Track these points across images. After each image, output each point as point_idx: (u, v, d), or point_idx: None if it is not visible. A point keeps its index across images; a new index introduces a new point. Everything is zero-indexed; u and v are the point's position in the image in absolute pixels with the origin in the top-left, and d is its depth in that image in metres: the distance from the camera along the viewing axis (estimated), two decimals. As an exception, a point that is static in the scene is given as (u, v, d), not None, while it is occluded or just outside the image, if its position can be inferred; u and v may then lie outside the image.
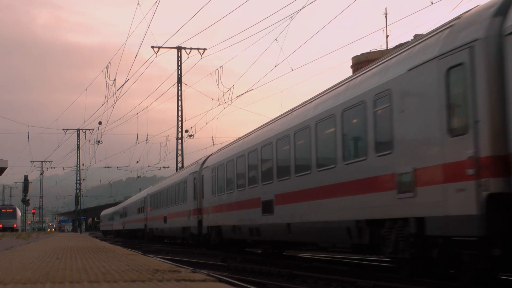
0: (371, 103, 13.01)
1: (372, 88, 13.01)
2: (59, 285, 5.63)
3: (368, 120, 13.10)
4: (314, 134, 16.09)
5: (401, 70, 12.04)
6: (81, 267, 7.89)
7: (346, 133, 14.29)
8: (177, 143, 52.06)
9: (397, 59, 12.53)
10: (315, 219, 15.54)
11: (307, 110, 16.83)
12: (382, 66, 13.21)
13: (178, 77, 51.30)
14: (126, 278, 6.19)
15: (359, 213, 13.35)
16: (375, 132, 12.86)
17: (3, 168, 44.03)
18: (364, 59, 56.06)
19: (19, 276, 6.53)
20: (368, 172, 12.99)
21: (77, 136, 79.47)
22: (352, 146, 14.29)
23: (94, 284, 5.66)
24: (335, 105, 14.83)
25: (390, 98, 12.20)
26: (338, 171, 14.39)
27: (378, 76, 13.01)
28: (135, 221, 55.43)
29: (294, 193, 16.92)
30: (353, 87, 14.26)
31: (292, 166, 17.28)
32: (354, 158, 13.84)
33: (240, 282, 11.91)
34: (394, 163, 11.99)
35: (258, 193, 20.01)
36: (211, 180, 26.69)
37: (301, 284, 13.54)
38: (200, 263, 19.89)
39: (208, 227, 27.29)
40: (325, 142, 15.52)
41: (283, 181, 17.87)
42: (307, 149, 16.37)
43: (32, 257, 10.70)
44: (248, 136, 22.76)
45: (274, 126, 19.76)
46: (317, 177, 15.55)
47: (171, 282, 5.73)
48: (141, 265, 8.11)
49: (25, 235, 38.46)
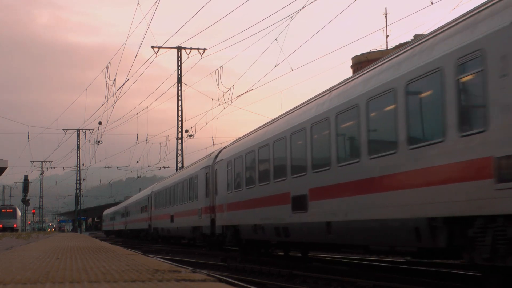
0: (451, 70, 10.36)
1: (454, 51, 10.34)
2: (59, 285, 5.63)
3: (447, 90, 10.44)
4: (364, 114, 13.15)
5: (500, 23, 9.45)
6: (81, 267, 7.89)
7: (412, 109, 11.56)
8: (177, 143, 52.08)
9: (490, 10, 9.91)
10: (367, 217, 12.82)
11: (355, 86, 14.02)
12: (467, 22, 10.45)
13: (178, 77, 51.30)
14: (126, 278, 6.18)
15: (433, 209, 10.65)
16: (458, 105, 10.19)
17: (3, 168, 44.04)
18: (364, 59, 56.07)
19: (19, 276, 6.53)
20: (447, 157, 10.30)
21: (77, 136, 79.51)
22: (422, 124, 11.53)
23: (94, 284, 5.66)
24: (394, 78, 12.16)
25: (483, 60, 9.59)
26: (400, 157, 11.70)
27: (461, 35, 10.36)
28: (138, 221, 53.44)
29: (336, 186, 14.22)
30: (422, 53, 11.55)
31: (333, 155, 14.45)
32: (425, 140, 11.07)
33: (240, 282, 11.90)
34: (490, 143, 9.35)
35: (287, 187, 17.35)
36: (227, 174, 24.00)
37: (301, 284, 13.54)
38: (200, 263, 19.89)
39: (222, 226, 24.65)
40: (381, 121, 12.76)
41: (321, 173, 15.10)
42: (355, 132, 13.54)
43: (32, 257, 10.69)
44: (272, 124, 19.93)
45: (308, 109, 16.74)
46: (369, 166, 12.78)
47: (171, 282, 5.73)
48: (141, 265, 8.10)
49: (25, 235, 38.46)
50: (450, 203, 10.23)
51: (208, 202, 27.13)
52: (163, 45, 48.20)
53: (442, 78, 10.52)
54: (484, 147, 9.48)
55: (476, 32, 9.87)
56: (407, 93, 11.62)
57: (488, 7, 9.99)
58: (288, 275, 14.85)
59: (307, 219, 15.89)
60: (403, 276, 13.58)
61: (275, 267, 16.95)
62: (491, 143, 9.32)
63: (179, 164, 51.85)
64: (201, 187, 29.10)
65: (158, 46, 47.74)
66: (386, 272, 15.01)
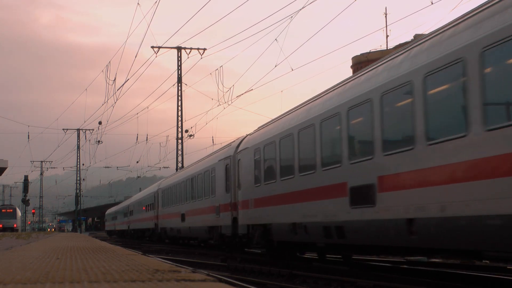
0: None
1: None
2: (59, 285, 5.62)
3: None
4: (477, 68, 9.72)
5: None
6: (81, 267, 7.89)
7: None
8: (177, 143, 52.11)
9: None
10: (484, 212, 9.32)
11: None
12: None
13: (178, 77, 51.33)
14: (126, 278, 6.18)
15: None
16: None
17: (3, 168, 44.06)
18: (364, 59, 56.05)
19: (19, 276, 6.53)
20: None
21: (77, 136, 79.56)
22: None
23: (94, 284, 5.66)
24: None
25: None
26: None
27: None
28: (142, 220, 50.48)
29: (427, 171, 10.72)
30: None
31: (419, 129, 11.03)
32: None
33: (240, 282, 11.91)
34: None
35: (342, 176, 13.95)
36: (254, 165, 20.48)
37: (301, 284, 13.54)
38: (200, 263, 19.88)
39: (248, 226, 21.21)
40: (500, 77, 9.43)
41: (398, 155, 11.66)
42: (457, 98, 10.19)
43: (32, 257, 10.69)
44: (318, 99, 16.23)
45: (376, 73, 13.10)
46: (489, 143, 9.27)
47: (171, 282, 5.73)
48: (141, 265, 8.10)
49: (25, 235, 38.45)
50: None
51: (229, 198, 23.76)
52: (163, 45, 48.29)
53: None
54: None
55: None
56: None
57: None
58: (288, 275, 14.85)
59: (374, 215, 12.41)
60: (403, 276, 13.58)
61: (275, 267, 16.94)
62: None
63: (179, 164, 51.88)
64: (219, 181, 25.77)
65: (158, 46, 47.82)
66: (386, 272, 15.02)
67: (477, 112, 9.55)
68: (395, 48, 49.41)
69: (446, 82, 10.46)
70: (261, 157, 19.71)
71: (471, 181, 9.62)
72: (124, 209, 65.36)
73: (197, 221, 29.73)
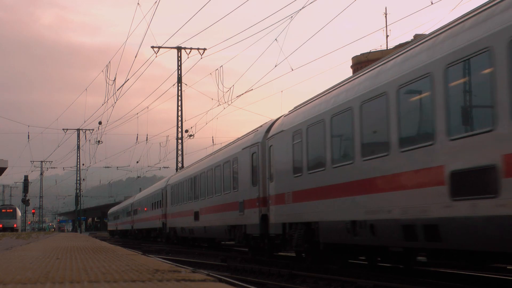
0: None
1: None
2: (59, 285, 5.62)
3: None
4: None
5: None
6: (81, 267, 7.88)
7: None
8: (177, 143, 52.12)
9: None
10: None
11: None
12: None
13: (178, 77, 51.35)
14: (126, 278, 6.18)
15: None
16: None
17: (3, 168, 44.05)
18: (364, 59, 56.08)
19: (19, 276, 6.53)
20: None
21: (77, 136, 79.54)
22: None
23: (94, 284, 5.66)
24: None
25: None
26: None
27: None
28: (148, 219, 47.57)
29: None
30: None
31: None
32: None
33: (240, 282, 11.92)
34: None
35: (436, 158, 10.55)
36: (293, 150, 17.12)
37: (301, 284, 13.54)
38: (200, 263, 19.88)
39: (283, 224, 18.05)
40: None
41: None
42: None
43: (32, 257, 10.69)
44: (392, 60, 12.62)
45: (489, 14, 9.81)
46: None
47: (171, 282, 5.73)
48: (141, 265, 8.10)
49: (25, 235, 38.45)
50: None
51: (257, 193, 20.60)
52: (163, 45, 48.28)
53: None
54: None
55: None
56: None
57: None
58: (288, 275, 14.85)
59: (495, 210, 9.18)
60: (403, 276, 13.58)
61: (275, 267, 16.94)
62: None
63: (179, 164, 51.90)
64: (243, 173, 22.44)
65: (158, 46, 47.82)
66: (386, 272, 15.01)
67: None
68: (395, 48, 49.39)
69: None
70: (304, 140, 16.44)
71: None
72: (127, 207, 62.40)
73: (214, 219, 26.68)
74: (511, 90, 8.89)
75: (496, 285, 12.33)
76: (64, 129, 76.45)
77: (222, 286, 5.45)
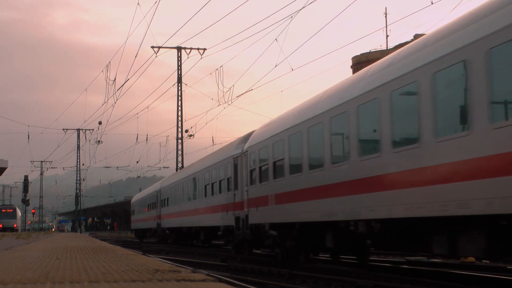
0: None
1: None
2: (59, 285, 5.62)
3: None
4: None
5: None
6: (81, 267, 7.88)
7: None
8: (177, 143, 52.13)
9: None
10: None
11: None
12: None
13: (178, 77, 51.35)
14: (126, 278, 6.18)
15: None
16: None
17: (3, 168, 44.04)
18: (364, 59, 56.04)
19: (19, 276, 6.53)
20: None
21: (77, 136, 79.53)
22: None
23: (94, 284, 5.66)
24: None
25: None
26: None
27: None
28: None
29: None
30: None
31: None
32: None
33: (240, 282, 11.92)
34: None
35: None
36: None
37: (301, 284, 13.54)
38: (200, 263, 19.88)
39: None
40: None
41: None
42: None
43: (32, 257, 10.69)
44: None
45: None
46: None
47: (171, 282, 5.73)
48: (141, 265, 8.10)
49: (25, 235, 38.46)
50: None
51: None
52: (163, 45, 48.31)
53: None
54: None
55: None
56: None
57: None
58: (288, 275, 14.84)
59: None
60: (403, 276, 13.58)
61: (275, 267, 16.94)
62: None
63: (179, 164, 51.90)
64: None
65: (158, 46, 47.84)
66: (386, 272, 15.01)
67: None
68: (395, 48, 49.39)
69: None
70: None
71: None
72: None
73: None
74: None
75: (496, 285, 12.34)
76: (64, 129, 76.51)
77: (222, 286, 5.45)
